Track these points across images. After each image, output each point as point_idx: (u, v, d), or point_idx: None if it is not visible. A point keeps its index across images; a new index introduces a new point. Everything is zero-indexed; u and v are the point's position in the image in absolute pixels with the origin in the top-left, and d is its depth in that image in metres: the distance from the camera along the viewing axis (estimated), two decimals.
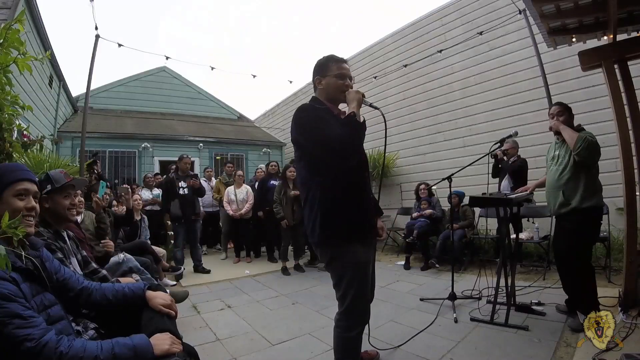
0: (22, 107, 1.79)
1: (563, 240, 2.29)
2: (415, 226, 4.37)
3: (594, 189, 2.18)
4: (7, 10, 4.05)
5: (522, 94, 4.90)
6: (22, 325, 0.87)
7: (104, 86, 9.14)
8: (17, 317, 0.87)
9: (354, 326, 1.46)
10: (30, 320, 0.89)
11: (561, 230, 2.33)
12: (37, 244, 1.14)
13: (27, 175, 1.12)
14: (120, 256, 2.44)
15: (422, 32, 6.38)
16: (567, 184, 2.22)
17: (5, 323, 0.85)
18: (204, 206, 5.77)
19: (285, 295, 3.38)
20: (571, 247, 2.21)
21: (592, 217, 2.20)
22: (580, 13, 2.59)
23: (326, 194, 1.43)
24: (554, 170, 2.35)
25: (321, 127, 1.41)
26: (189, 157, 4.61)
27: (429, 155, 6.16)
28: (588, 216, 2.17)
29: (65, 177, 1.61)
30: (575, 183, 2.19)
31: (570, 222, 2.22)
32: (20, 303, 0.91)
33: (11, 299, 0.89)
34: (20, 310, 0.89)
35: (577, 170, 2.20)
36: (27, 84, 4.62)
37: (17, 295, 0.91)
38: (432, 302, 2.84)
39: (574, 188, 2.19)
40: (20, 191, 1.08)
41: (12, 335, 0.85)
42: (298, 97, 10.08)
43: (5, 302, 0.87)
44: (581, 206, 2.15)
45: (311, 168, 1.48)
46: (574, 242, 2.20)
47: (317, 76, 1.59)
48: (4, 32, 1.51)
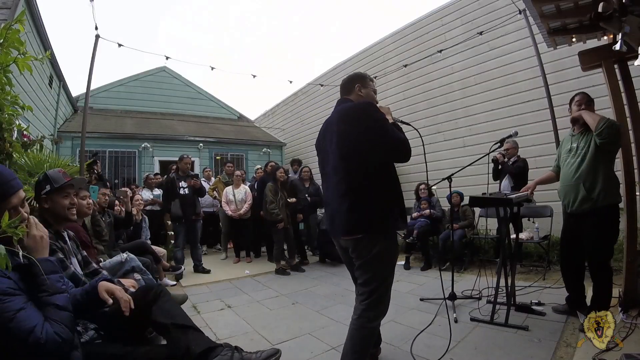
0: (22, 107, 1.80)
1: (588, 239, 2.20)
2: (415, 226, 4.37)
3: (614, 182, 2.15)
4: (7, 10, 4.05)
5: (522, 94, 4.89)
6: (26, 318, 0.90)
7: (104, 86, 9.13)
8: (20, 310, 0.90)
9: (380, 316, 1.55)
10: (32, 314, 0.92)
11: (584, 228, 2.22)
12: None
13: (18, 185, 1.12)
14: (124, 256, 2.45)
15: (422, 32, 6.38)
16: (587, 176, 2.15)
17: (11, 318, 0.87)
18: (204, 206, 5.77)
19: (285, 295, 3.38)
20: (597, 247, 2.16)
21: (615, 214, 2.15)
22: (580, 13, 2.59)
23: (378, 188, 1.51)
24: (570, 162, 2.29)
25: (391, 127, 1.58)
26: (189, 157, 4.62)
27: (429, 155, 6.13)
28: (612, 213, 2.13)
29: (64, 176, 1.59)
30: (595, 176, 2.13)
31: (595, 220, 2.15)
32: (20, 296, 0.94)
33: (13, 294, 0.91)
34: (22, 304, 0.92)
35: (596, 161, 2.15)
36: (27, 84, 4.61)
37: (17, 289, 0.94)
38: (432, 302, 2.84)
39: (594, 181, 2.13)
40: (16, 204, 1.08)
41: (19, 328, 0.87)
42: (298, 97, 10.08)
43: (7, 297, 0.90)
44: (604, 203, 2.11)
45: (371, 162, 1.54)
46: (601, 242, 2.15)
47: (358, 83, 1.74)
48: (4, 32, 1.51)
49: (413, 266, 4.38)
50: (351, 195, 1.52)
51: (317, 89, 8.78)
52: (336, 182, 1.58)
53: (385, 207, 1.50)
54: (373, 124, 1.52)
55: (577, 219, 2.29)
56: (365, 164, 1.51)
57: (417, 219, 4.53)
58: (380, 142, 1.51)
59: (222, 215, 5.44)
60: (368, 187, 1.50)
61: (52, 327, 0.94)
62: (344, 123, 1.58)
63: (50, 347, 0.90)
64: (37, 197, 1.56)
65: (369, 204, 1.49)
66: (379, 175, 1.52)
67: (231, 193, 5.19)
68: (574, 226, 2.31)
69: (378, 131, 1.51)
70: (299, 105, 10.03)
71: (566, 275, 2.44)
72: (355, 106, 1.62)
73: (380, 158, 1.52)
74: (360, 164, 1.52)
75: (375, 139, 1.50)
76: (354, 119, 1.55)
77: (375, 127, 1.51)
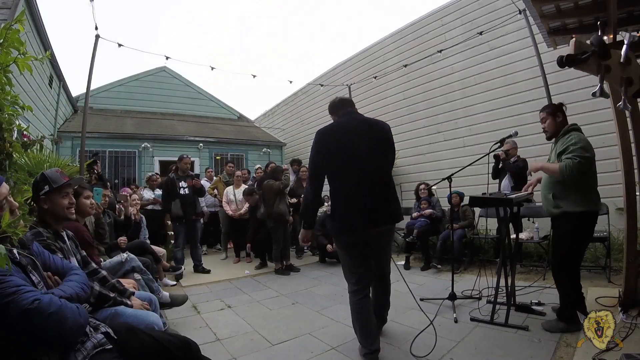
0: (22, 107, 1.80)
1: (555, 242, 2.34)
2: (415, 226, 4.37)
3: (585, 193, 2.14)
4: (7, 10, 4.05)
5: (522, 94, 4.89)
6: (28, 290, 0.93)
7: (104, 86, 9.13)
8: (21, 286, 0.93)
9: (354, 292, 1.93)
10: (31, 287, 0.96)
11: (554, 232, 2.35)
12: (26, 241, 1.16)
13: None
14: (124, 255, 2.44)
15: (422, 32, 6.38)
16: (555, 187, 2.21)
17: (13, 292, 0.89)
18: (209, 206, 5.77)
19: (285, 295, 3.38)
20: (561, 250, 2.22)
21: (583, 221, 2.14)
22: (580, 13, 2.59)
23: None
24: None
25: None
26: (189, 157, 4.62)
27: (429, 155, 6.16)
28: (579, 221, 2.13)
29: (62, 176, 1.59)
30: (564, 187, 2.16)
31: (562, 226, 2.21)
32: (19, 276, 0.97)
33: (10, 274, 0.94)
34: (22, 282, 0.95)
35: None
36: (27, 84, 4.61)
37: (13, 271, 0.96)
38: (432, 302, 2.84)
39: (563, 191, 2.17)
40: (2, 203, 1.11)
41: (23, 301, 0.89)
42: (298, 97, 10.08)
43: (5, 277, 0.92)
44: (572, 210, 2.13)
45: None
46: (565, 246, 2.20)
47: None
48: (4, 32, 1.52)
49: (413, 266, 4.38)
50: (392, 192, 1.99)
51: (317, 89, 8.78)
52: (378, 180, 1.91)
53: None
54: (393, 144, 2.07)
55: (552, 222, 2.37)
56: (391, 168, 2.06)
57: (417, 218, 4.52)
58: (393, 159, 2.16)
59: (222, 215, 5.44)
60: (393, 187, 2.03)
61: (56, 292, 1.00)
62: (387, 133, 2.01)
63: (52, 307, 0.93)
64: (35, 197, 1.55)
65: (396, 199, 2.03)
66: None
67: (232, 193, 5.19)
68: (552, 229, 2.41)
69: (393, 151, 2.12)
70: (299, 105, 10.03)
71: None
72: (387, 125, 2.06)
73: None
74: (390, 169, 2.04)
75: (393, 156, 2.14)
76: (389, 134, 2.02)
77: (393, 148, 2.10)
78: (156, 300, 1.93)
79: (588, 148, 2.09)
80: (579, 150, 2.06)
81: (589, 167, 2.10)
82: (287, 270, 4.39)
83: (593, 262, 3.57)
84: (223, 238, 5.66)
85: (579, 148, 2.06)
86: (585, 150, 2.07)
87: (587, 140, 2.13)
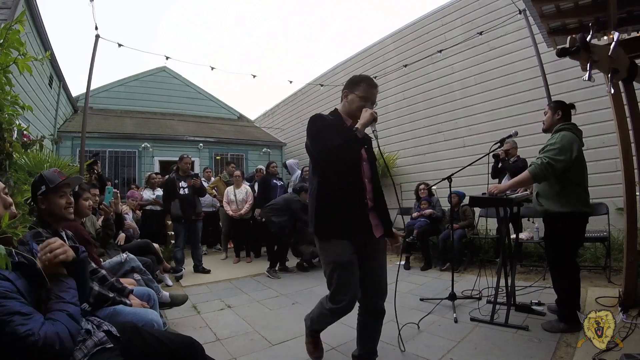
0: (22, 107, 1.80)
1: (545, 242, 2.40)
2: (415, 226, 4.37)
3: (570, 194, 2.13)
4: (7, 10, 4.05)
5: (522, 94, 4.89)
6: (23, 322, 0.87)
7: (104, 86, 9.14)
8: (17, 314, 0.87)
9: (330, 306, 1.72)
10: (29, 316, 0.89)
11: (544, 232, 2.38)
12: (24, 239, 1.15)
13: None
14: (123, 256, 2.44)
15: (422, 32, 6.38)
16: (540, 186, 2.25)
17: (7, 321, 0.85)
18: (204, 206, 5.76)
19: (285, 295, 3.38)
20: (549, 250, 2.26)
21: (568, 222, 2.13)
22: (580, 13, 2.59)
23: (319, 192, 1.65)
24: None
25: (323, 136, 1.60)
26: (189, 157, 4.61)
27: (429, 155, 6.16)
28: (563, 221, 2.13)
29: (59, 176, 1.57)
30: (547, 186, 2.19)
31: (548, 225, 2.26)
32: (18, 300, 0.91)
33: (9, 297, 0.89)
34: (19, 307, 0.89)
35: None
36: (27, 84, 4.62)
37: (14, 292, 0.91)
38: (432, 302, 2.84)
39: (546, 191, 2.21)
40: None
41: (15, 332, 0.85)
42: (298, 97, 10.08)
43: (4, 300, 0.87)
44: (556, 210, 2.14)
45: (313, 167, 1.73)
46: (551, 246, 2.23)
47: (345, 89, 1.75)
48: (4, 33, 1.52)
49: (413, 266, 4.38)
50: (309, 197, 1.78)
51: (317, 89, 8.77)
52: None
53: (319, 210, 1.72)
54: (309, 136, 1.76)
55: (543, 221, 2.38)
56: (313, 171, 1.77)
57: (417, 218, 4.53)
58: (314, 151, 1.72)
59: (222, 215, 5.44)
60: (312, 191, 1.73)
61: (54, 326, 0.91)
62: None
63: (47, 347, 0.87)
64: (33, 198, 1.56)
65: (312, 205, 1.73)
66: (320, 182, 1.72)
67: (232, 193, 5.19)
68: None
69: (312, 141, 1.72)
70: (299, 105, 10.03)
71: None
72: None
73: (319, 165, 1.74)
74: (311, 171, 1.78)
75: (312, 148, 1.72)
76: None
77: (310, 139, 1.75)
78: (155, 295, 1.93)
79: (565, 150, 2.07)
80: (553, 152, 2.08)
81: (559, 169, 2.07)
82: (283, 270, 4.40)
83: (593, 262, 3.57)
84: (223, 238, 5.66)
85: (554, 149, 2.08)
86: (561, 153, 2.06)
87: (570, 142, 2.10)
